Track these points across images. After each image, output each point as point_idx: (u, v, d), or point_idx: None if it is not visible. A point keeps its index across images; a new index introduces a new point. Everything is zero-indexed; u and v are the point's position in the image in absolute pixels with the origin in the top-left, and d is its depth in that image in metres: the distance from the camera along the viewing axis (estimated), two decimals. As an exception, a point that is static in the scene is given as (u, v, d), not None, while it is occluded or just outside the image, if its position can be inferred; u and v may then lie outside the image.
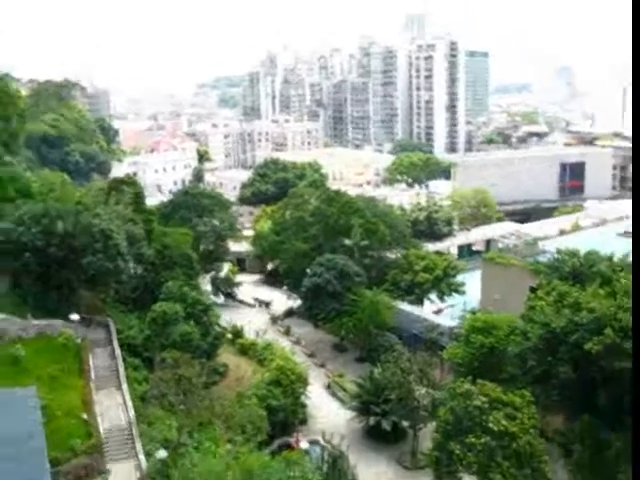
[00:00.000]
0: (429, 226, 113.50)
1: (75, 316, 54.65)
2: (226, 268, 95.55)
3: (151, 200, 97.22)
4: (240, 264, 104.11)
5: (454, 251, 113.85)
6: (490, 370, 52.62)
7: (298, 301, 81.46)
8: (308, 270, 74.68)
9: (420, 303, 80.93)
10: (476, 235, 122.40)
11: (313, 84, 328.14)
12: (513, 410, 43.68)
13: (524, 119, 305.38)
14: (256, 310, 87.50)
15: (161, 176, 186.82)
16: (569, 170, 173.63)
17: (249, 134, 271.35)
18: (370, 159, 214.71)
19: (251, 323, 75.50)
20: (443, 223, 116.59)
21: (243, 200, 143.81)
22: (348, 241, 79.91)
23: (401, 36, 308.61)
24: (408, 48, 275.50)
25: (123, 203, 68.62)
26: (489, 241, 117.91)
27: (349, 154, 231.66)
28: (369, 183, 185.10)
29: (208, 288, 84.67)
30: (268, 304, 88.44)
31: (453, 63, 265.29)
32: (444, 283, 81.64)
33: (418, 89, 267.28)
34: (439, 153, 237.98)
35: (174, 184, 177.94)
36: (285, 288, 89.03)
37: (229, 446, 41.87)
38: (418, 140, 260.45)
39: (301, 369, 61.38)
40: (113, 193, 71.45)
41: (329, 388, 65.52)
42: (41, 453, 29.46)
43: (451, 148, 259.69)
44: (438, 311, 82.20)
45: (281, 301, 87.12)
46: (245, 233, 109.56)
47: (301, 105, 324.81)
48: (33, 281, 55.53)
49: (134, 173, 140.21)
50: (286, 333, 78.41)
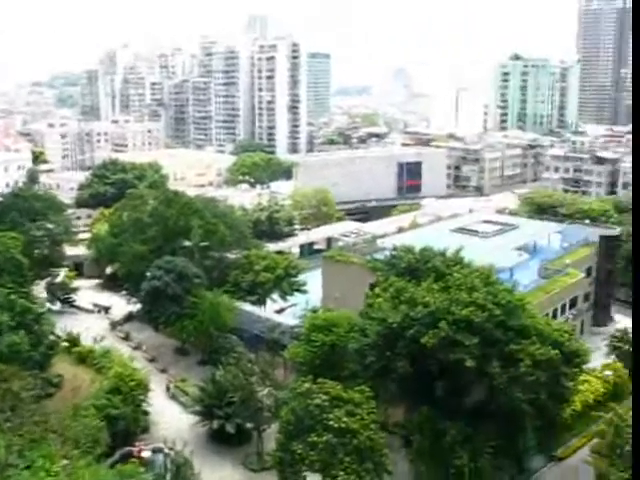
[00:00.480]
0: (270, 226, 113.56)
1: None
2: (63, 273, 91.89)
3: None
4: (78, 269, 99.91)
5: (296, 250, 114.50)
6: (332, 368, 53.30)
7: (138, 305, 79.20)
8: (147, 273, 72.77)
9: (262, 303, 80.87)
10: (317, 234, 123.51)
11: (154, 83, 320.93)
12: (353, 407, 44.40)
13: (364, 120, 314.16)
14: (95, 316, 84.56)
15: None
16: (406, 170, 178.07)
17: (88, 134, 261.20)
18: (212, 160, 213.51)
19: (89, 330, 73.11)
20: (284, 223, 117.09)
21: (81, 202, 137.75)
22: (188, 242, 78.55)
23: (244, 36, 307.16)
24: (250, 49, 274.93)
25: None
26: (330, 240, 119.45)
27: (191, 155, 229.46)
28: (211, 184, 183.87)
29: (43, 295, 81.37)
30: (107, 309, 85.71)
31: (295, 64, 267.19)
32: (286, 282, 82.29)
33: (260, 89, 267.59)
34: (281, 153, 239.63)
35: (6, 186, 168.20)
36: (124, 292, 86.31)
37: (65, 462, 39.68)
38: (260, 140, 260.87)
39: (141, 375, 59.77)
40: None
41: (169, 392, 64.25)
42: None
43: (293, 148, 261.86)
44: (280, 310, 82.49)
45: (120, 305, 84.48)
46: (82, 236, 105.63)
47: (142, 105, 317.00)
48: None
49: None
50: (126, 338, 76.46)
